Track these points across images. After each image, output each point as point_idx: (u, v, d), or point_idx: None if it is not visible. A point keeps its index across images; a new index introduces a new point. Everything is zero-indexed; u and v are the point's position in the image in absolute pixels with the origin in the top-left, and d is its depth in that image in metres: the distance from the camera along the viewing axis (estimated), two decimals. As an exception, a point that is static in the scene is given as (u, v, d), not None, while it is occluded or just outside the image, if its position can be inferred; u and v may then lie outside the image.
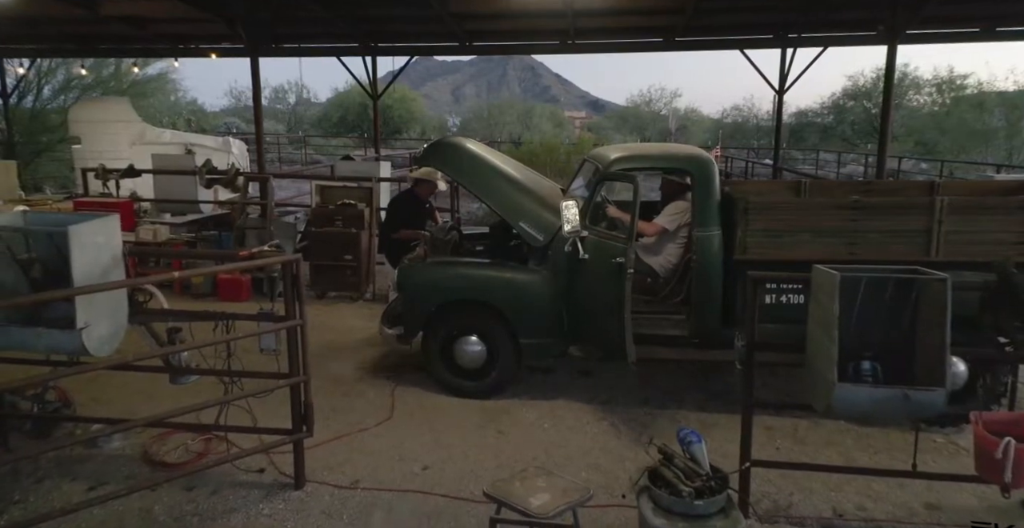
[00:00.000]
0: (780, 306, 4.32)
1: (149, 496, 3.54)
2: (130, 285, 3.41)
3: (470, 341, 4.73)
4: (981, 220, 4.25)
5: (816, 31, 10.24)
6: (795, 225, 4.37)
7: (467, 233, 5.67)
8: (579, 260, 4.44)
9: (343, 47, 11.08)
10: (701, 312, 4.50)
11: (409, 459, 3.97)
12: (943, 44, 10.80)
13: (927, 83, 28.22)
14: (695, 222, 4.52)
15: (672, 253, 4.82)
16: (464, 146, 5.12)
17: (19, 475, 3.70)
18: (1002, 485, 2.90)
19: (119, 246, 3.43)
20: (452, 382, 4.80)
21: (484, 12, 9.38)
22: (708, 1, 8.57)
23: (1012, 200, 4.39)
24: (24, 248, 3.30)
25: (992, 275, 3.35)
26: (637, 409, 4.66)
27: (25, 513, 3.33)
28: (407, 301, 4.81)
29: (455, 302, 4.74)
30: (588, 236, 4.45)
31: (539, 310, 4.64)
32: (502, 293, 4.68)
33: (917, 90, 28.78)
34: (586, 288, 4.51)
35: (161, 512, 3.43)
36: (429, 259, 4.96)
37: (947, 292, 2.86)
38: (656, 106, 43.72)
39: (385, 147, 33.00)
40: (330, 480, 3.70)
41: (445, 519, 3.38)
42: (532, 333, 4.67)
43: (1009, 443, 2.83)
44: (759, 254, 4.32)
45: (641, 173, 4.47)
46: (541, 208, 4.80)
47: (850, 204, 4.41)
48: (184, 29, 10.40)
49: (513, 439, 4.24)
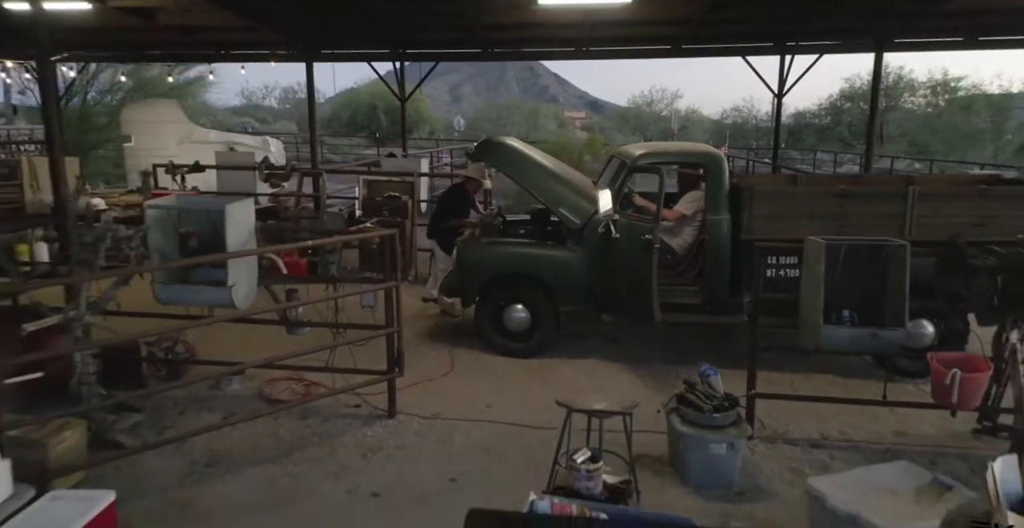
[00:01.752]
0: (778, 279, 5.18)
1: (272, 423, 4.42)
2: (264, 252, 4.29)
3: (517, 309, 5.60)
4: (945, 206, 5.13)
5: (812, 40, 11.13)
6: (792, 210, 5.24)
7: (510, 219, 6.56)
8: (611, 239, 5.32)
9: (375, 53, 11.96)
10: (713, 283, 5.39)
11: (474, 399, 4.84)
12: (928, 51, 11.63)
13: (922, 85, 29.14)
14: (708, 208, 5.41)
15: (688, 235, 5.70)
16: (511, 144, 6.01)
17: (164, 410, 4.57)
18: (951, 407, 3.77)
19: (252, 223, 4.32)
20: (501, 343, 5.67)
21: (509, 23, 10.26)
22: (713, 13, 9.41)
23: (969, 190, 5.27)
24: (183, 224, 4.17)
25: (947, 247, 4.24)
26: (660, 365, 5.51)
27: (179, 433, 4.20)
28: (464, 274, 5.68)
29: (504, 275, 5.62)
30: (619, 219, 5.34)
31: (576, 282, 5.51)
32: (545, 268, 5.56)
33: (912, 92, 29.69)
34: (617, 262, 5.38)
35: (285, 434, 4.31)
36: (482, 240, 5.83)
37: (907, 255, 3.74)
38: (657, 107, 44.56)
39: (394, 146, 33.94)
40: (415, 412, 4.58)
41: (511, 439, 4.26)
42: (570, 301, 5.54)
43: (955, 373, 3.70)
44: (762, 234, 5.18)
45: (664, 167, 5.33)
46: (577, 196, 5.68)
47: (838, 192, 5.30)
48: (232, 37, 11.25)
49: (556, 387, 5.09)
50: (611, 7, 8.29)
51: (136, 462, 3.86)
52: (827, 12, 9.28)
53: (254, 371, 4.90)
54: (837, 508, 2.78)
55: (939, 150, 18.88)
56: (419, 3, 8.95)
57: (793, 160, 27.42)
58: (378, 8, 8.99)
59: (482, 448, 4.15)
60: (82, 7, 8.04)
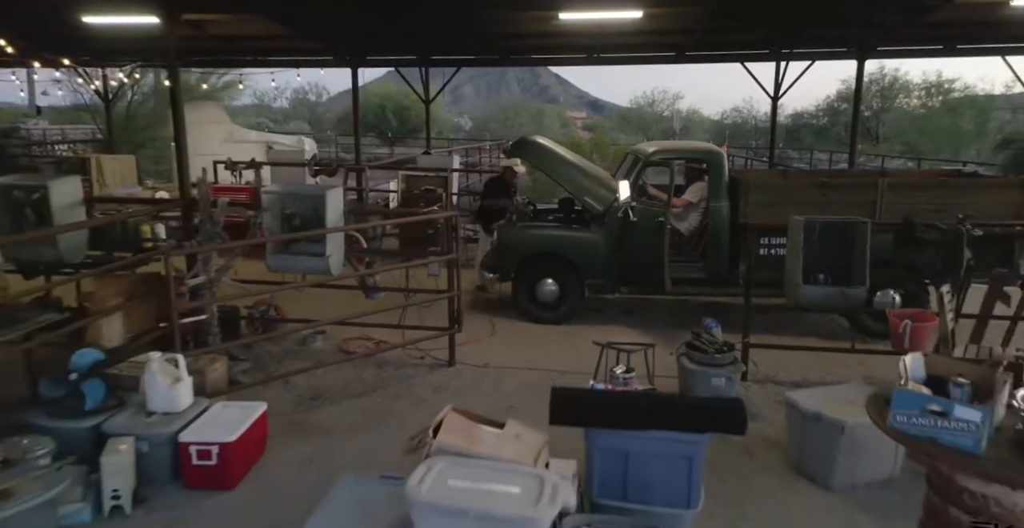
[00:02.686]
0: (768, 257, 6.17)
1: (354, 370, 5.41)
2: (352, 229, 5.28)
3: (547, 282, 6.60)
4: (909, 195, 6.13)
5: (805, 47, 12.11)
6: (781, 199, 6.24)
7: (540, 208, 7.55)
8: (629, 223, 6.32)
9: (402, 59, 12.96)
10: (714, 260, 6.38)
11: (516, 354, 5.83)
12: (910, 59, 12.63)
13: (916, 87, 30.16)
14: (710, 196, 6.40)
15: (694, 219, 6.70)
16: (542, 142, 7.02)
17: (264, 360, 5.56)
18: (902, 351, 4.76)
19: (341, 207, 5.31)
20: (534, 312, 6.67)
21: (527, 33, 11.25)
22: (714, 23, 10.40)
23: (930, 182, 6.28)
24: (288, 207, 5.15)
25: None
26: (669, 330, 6.50)
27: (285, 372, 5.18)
28: (503, 254, 6.68)
29: (537, 254, 6.61)
30: (636, 206, 6.34)
31: (598, 259, 6.50)
32: (571, 248, 6.56)
33: (907, 94, 30.71)
34: (634, 242, 6.37)
35: (368, 378, 5.30)
36: (518, 224, 6.83)
37: (867, 230, 4.74)
38: (658, 107, 45.60)
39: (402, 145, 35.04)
40: (469, 362, 5.57)
41: (552, 380, 5.24)
42: (593, 276, 6.54)
43: (907, 323, 4.68)
44: (755, 219, 6.18)
45: (673, 161, 6.32)
46: (598, 186, 6.67)
47: (820, 184, 6.31)
48: (273, 44, 12.24)
49: (583, 346, 6.06)
50: (623, 21, 9.27)
51: (256, 395, 4.84)
52: (818, 24, 10.28)
53: (333, 330, 5.91)
54: (805, 409, 3.78)
55: (929, 150, 19.88)
56: (448, 17, 9.94)
57: (791, 159, 28.44)
58: (411, 21, 9.98)
59: (529, 387, 5.14)
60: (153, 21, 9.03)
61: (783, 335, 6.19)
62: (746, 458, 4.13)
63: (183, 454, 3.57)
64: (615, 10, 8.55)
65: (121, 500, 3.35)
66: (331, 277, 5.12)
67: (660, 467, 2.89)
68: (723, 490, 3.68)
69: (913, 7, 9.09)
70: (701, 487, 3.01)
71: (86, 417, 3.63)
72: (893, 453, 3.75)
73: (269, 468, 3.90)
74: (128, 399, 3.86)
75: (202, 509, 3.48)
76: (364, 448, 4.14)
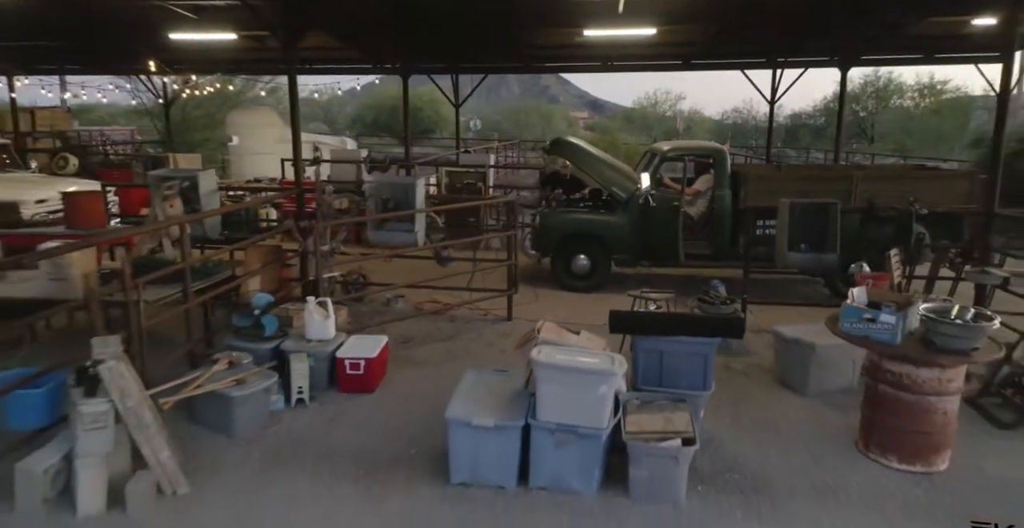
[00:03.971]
0: (762, 236, 7.55)
1: (433, 323, 6.79)
2: (432, 211, 6.67)
3: (580, 258, 7.99)
4: (878, 185, 7.51)
5: (798, 56, 13.50)
6: (774, 188, 7.61)
7: (573, 197, 8.94)
8: (649, 207, 7.70)
9: (435, 66, 14.38)
10: (719, 238, 7.77)
11: (557, 314, 7.16)
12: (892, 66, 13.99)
13: (910, 88, 31.51)
14: (715, 186, 7.79)
15: (702, 205, 8.09)
16: (575, 142, 8.42)
17: (360, 316, 6.95)
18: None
19: (423, 193, 6.71)
20: (570, 282, 8.05)
21: (551, 44, 12.64)
22: (717, 37, 11.79)
23: (892, 173, 7.67)
24: (384, 193, 6.54)
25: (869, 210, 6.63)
26: (681, 298, 7.88)
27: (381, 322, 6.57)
28: (544, 234, 8.07)
29: (572, 234, 7.99)
30: (655, 193, 7.73)
31: (623, 238, 7.88)
32: (601, 229, 7.94)
33: (900, 95, 32.06)
34: (653, 224, 7.75)
35: (445, 328, 6.69)
36: (557, 210, 8.22)
37: (838, 210, 6.13)
38: (661, 108, 46.91)
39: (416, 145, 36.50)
40: (523, 318, 6.96)
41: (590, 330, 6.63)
42: (618, 252, 7.92)
43: (869, 282, 6.07)
44: (752, 203, 7.57)
45: (685, 158, 7.71)
46: (623, 178, 8.06)
47: (805, 175, 7.70)
48: (325, 55, 13.64)
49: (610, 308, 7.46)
50: (639, 36, 10.66)
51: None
52: (809, 36, 11.67)
53: (410, 295, 7.30)
54: (787, 335, 5.17)
55: (917, 148, 21.24)
56: (484, 34, 11.33)
57: (789, 158, 29.78)
58: (453, 38, 11.37)
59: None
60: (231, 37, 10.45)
61: (775, 303, 7.61)
62: (744, 378, 5.53)
63: (339, 366, 4.96)
64: (633, 28, 9.93)
65: (303, 395, 4.74)
66: (415, 248, 6.51)
67: (685, 362, 4.27)
68: (727, 396, 5.07)
69: (891, 23, 10.47)
70: (712, 377, 4.39)
71: (266, 341, 5.02)
72: (851, 368, 5.13)
73: (393, 381, 5.29)
74: (288, 331, 5.25)
75: (355, 404, 4.87)
76: (456, 372, 5.50)
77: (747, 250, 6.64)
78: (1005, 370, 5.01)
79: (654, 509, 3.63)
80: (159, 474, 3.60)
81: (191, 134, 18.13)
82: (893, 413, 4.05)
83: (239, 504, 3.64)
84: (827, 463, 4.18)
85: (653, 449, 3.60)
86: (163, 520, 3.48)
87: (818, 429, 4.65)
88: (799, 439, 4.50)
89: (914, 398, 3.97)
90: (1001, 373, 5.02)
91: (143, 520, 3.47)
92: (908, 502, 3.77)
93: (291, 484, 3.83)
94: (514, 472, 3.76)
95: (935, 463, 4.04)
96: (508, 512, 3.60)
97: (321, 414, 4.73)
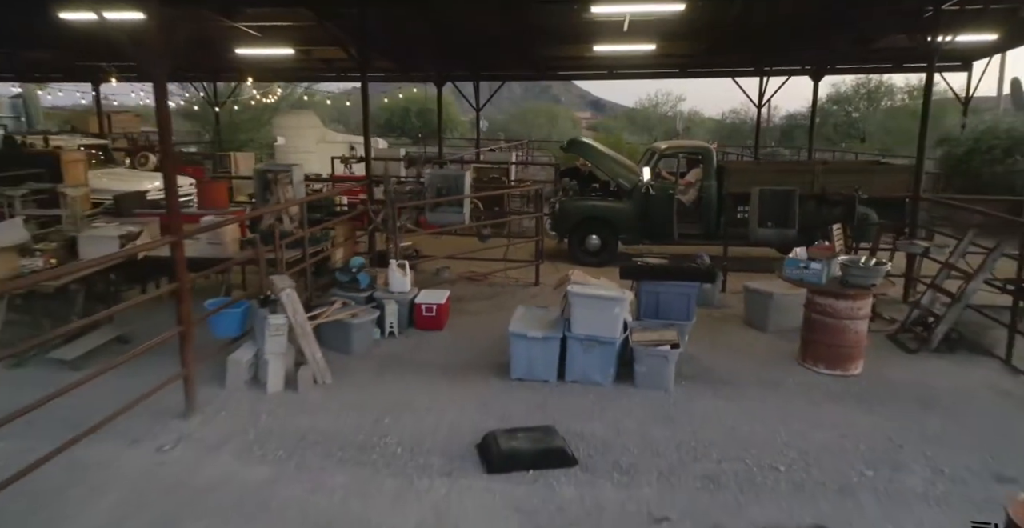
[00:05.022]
0: (741, 219, 9.23)
1: (476, 287, 8.48)
2: (475, 197, 8.36)
3: (592, 238, 9.68)
4: (837, 176, 9.19)
5: (781, 66, 15.19)
6: (751, 179, 9.29)
7: (585, 187, 10.64)
8: (650, 196, 9.40)
9: (458, 74, 16.09)
10: (706, 221, 9.46)
11: (576, 281, 8.90)
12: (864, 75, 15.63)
13: (900, 90, 33.15)
14: (704, 177, 9.49)
15: (693, 194, 9.78)
16: (588, 141, 10.12)
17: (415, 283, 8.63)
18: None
19: (468, 183, 8.41)
20: (584, 258, 9.73)
21: (565, 56, 14.34)
22: (710, 48, 13.47)
23: (846, 167, 9.37)
24: (438, 182, 8.23)
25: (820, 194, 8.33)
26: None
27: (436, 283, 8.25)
28: (562, 218, 9.76)
29: (586, 218, 9.68)
30: (654, 184, 9.43)
31: (628, 221, 9.57)
32: (609, 213, 9.63)
33: (891, 97, 33.71)
34: (653, 209, 9.44)
35: (486, 291, 8.38)
36: (574, 198, 9.92)
37: (796, 195, 7.83)
38: (662, 109, 48.55)
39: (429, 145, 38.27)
40: (547, 284, 8.64)
41: (603, 293, 8.32)
42: (624, 232, 9.62)
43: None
44: (737, 190, 9.24)
45: (679, 155, 9.39)
46: (628, 172, 9.75)
47: (777, 169, 9.40)
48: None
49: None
50: (641, 51, 12.35)
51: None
52: (789, 49, 13.35)
53: (453, 266, 9.00)
54: (754, 287, 6.86)
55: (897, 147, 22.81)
56: (504, 48, 13.02)
57: (783, 156, 31.40)
58: (479, 51, 13.07)
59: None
60: (289, 52, 12.15)
61: (748, 271, 9.32)
62: (720, 322, 7.22)
63: (417, 310, 6.66)
64: (636, 44, 11.63)
65: (394, 329, 6.44)
66: (463, 226, 8.22)
67: (674, 300, 5.95)
68: (706, 332, 6.75)
69: (858, 39, 12.15)
70: (694, 311, 6.07)
71: (361, 292, 6.71)
72: (799, 312, 6.80)
73: (456, 324, 6.99)
74: (375, 286, 6.94)
75: (430, 337, 6.57)
76: (500, 319, 7.17)
77: (727, 229, 8.33)
78: (915, 313, 6.71)
79: (651, 393, 5.32)
80: (314, 368, 5.29)
81: (237, 135, 19.86)
82: (821, 333, 5.74)
83: (367, 390, 5.33)
84: (775, 369, 5.88)
85: (651, 351, 5.30)
86: (319, 397, 5.18)
87: (772, 352, 6.35)
88: (757, 357, 6.21)
89: (834, 322, 5.66)
90: (912, 315, 6.72)
91: (307, 397, 5.16)
92: (829, 392, 5.46)
93: (401, 379, 5.53)
94: (555, 370, 5.45)
95: (850, 369, 5.73)
96: (552, 395, 5.29)
97: (407, 342, 6.44)
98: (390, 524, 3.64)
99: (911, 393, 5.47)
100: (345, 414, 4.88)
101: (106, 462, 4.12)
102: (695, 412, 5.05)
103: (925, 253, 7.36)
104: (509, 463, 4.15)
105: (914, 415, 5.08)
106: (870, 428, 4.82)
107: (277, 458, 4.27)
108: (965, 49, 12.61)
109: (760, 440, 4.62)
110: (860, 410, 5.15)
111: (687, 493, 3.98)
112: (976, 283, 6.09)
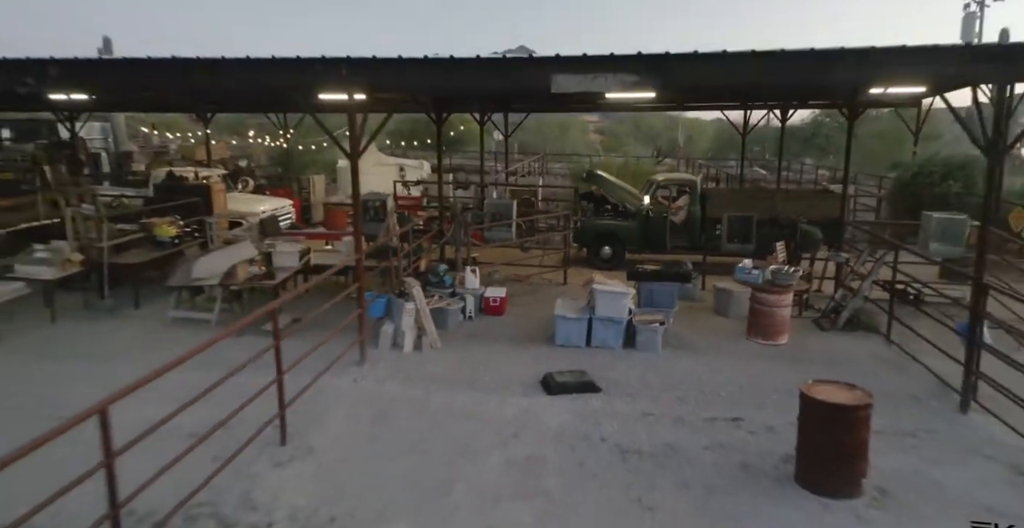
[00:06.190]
0: (718, 236, 12.16)
1: (520, 286, 11.46)
2: (519, 220, 11.36)
3: (606, 248, 12.66)
4: (792, 202, 12.14)
5: (762, 101, 18.11)
6: (726, 203, 12.26)
7: (599, 210, 13.60)
8: (649, 216, 12.38)
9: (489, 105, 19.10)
10: (692, 236, 12.43)
11: (594, 282, 11.88)
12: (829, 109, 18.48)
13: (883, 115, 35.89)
14: (691, 202, 12.46)
15: (682, 216, 12.75)
16: (602, 174, 13.12)
17: (475, 282, 11.63)
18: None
19: (515, 210, 11.42)
20: (599, 264, 12.68)
21: (580, 100, 17.26)
22: (701, 85, 16.39)
23: (797, 194, 12.33)
24: (492, 208, 11.20)
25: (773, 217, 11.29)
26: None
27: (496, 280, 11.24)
28: (583, 233, 12.75)
29: (601, 233, 12.66)
30: (653, 208, 12.41)
31: (633, 236, 12.55)
32: (619, 230, 12.61)
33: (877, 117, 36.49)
34: (652, 227, 12.41)
35: (526, 288, 11.36)
36: (591, 218, 12.93)
37: (754, 219, 10.81)
38: (667, 115, 51.23)
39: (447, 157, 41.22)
40: (575, 283, 11.61)
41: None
42: (630, 244, 12.60)
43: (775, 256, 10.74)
44: (713, 215, 12.19)
45: (672, 185, 12.37)
46: (633, 198, 12.75)
47: (748, 195, 12.38)
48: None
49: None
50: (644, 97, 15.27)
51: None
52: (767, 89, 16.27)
53: (504, 271, 11.98)
54: (721, 287, 9.82)
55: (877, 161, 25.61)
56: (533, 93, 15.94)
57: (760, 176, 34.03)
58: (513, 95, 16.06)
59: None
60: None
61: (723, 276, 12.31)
62: (697, 312, 10.18)
63: (486, 301, 9.64)
64: (639, 92, 14.55)
65: (471, 314, 9.43)
66: (510, 241, 11.21)
67: (663, 294, 8.92)
68: (686, 318, 9.68)
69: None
70: (676, 302, 9.03)
71: (447, 289, 9.69)
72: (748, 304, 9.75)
73: (513, 312, 9.96)
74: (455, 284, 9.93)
75: (496, 320, 9.56)
76: (542, 307, 10.16)
77: (707, 243, 11.31)
78: (830, 304, 9.66)
79: (647, 354, 8.28)
80: (431, 338, 8.29)
81: (300, 158, 22.86)
82: (759, 316, 8.68)
83: (464, 351, 8.31)
84: (729, 341, 8.84)
85: (647, 327, 8.27)
86: (436, 355, 8.16)
87: (729, 330, 9.31)
88: (719, 333, 9.17)
89: (767, 309, 8.60)
90: (829, 306, 9.67)
91: (428, 355, 8.14)
92: (763, 354, 8.42)
93: (484, 346, 8.51)
94: (584, 339, 8.42)
95: (779, 340, 8.67)
96: (583, 354, 8.25)
97: (481, 323, 9.43)
98: (500, 414, 6.63)
99: (819, 357, 8.39)
100: (455, 365, 7.87)
101: (331, 387, 7.12)
102: (675, 366, 8.01)
103: (846, 262, 10.30)
104: (561, 389, 7.12)
105: (816, 368, 7.98)
106: (785, 375, 7.77)
107: (423, 387, 7.26)
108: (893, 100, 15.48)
109: (714, 380, 7.57)
110: (782, 366, 8.08)
111: (665, 405, 6.95)
112: (867, 283, 9.04)
